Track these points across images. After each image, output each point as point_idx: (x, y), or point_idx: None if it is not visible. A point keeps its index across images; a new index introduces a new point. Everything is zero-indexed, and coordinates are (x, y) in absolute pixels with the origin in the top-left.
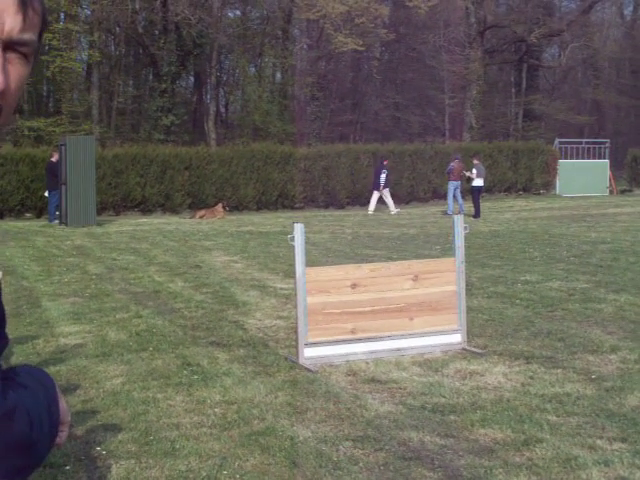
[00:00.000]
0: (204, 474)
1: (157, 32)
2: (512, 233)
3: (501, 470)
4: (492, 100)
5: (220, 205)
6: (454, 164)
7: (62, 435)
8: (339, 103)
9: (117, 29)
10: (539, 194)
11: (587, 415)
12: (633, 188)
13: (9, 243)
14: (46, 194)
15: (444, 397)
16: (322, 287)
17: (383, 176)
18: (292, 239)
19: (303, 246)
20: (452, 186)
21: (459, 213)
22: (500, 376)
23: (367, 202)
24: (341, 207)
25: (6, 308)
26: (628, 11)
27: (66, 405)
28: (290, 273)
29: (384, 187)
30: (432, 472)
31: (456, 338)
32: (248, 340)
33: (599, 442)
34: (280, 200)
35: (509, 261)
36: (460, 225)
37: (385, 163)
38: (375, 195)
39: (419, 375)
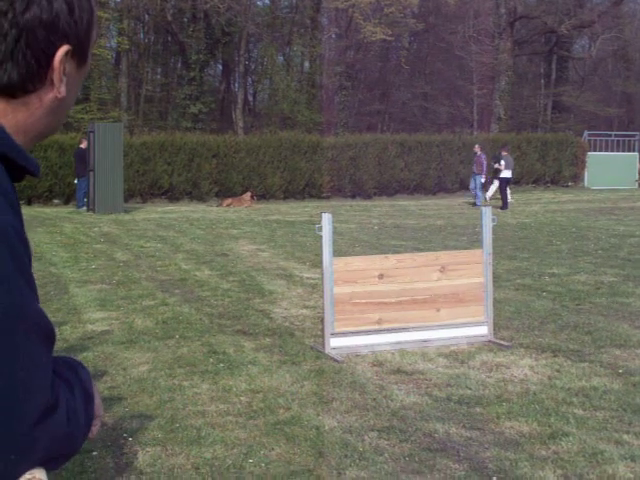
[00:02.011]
0: (229, 462)
1: (186, 20)
2: (540, 225)
3: (527, 463)
4: (521, 91)
5: (248, 194)
6: (484, 156)
7: (94, 429)
8: (367, 93)
9: (146, 17)
10: (567, 186)
11: (614, 410)
12: None
13: (37, 229)
14: (75, 181)
15: (470, 389)
16: (349, 277)
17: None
18: (320, 229)
19: (331, 236)
20: (482, 178)
21: (474, 204)
22: (526, 369)
23: (394, 192)
24: (368, 197)
25: None
26: None
27: (100, 399)
28: (316, 263)
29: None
30: (457, 464)
31: (482, 330)
32: (274, 329)
33: (626, 437)
34: (307, 189)
35: (536, 253)
36: (488, 217)
37: (504, 154)
38: (496, 182)
39: (445, 366)
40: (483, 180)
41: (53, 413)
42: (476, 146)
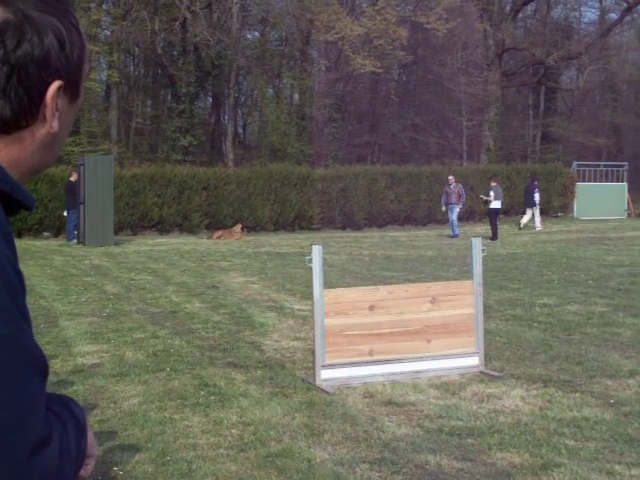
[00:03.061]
0: None
1: (176, 53)
2: (530, 256)
3: None
4: (510, 122)
5: (239, 226)
6: (461, 186)
7: (87, 468)
8: (357, 124)
9: (136, 50)
10: (557, 217)
11: (605, 440)
12: None
13: (27, 262)
14: (65, 213)
15: (461, 420)
16: (340, 309)
17: (537, 195)
18: (310, 261)
19: (321, 268)
20: (458, 208)
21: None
22: (518, 399)
23: (385, 223)
24: (358, 228)
25: None
26: None
27: (94, 438)
28: (307, 294)
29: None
30: None
31: (473, 361)
32: (265, 361)
33: (617, 467)
34: (297, 221)
35: (527, 284)
36: (478, 248)
37: (536, 183)
38: (529, 212)
39: (436, 398)
40: (457, 210)
41: (46, 447)
42: (450, 177)
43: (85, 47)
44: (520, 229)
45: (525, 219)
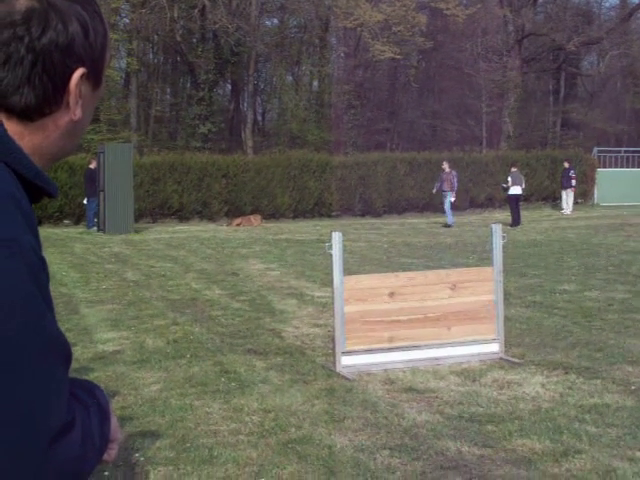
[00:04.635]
0: None
1: (195, 40)
2: (550, 242)
3: None
4: (530, 108)
5: (259, 217)
6: (455, 173)
7: (111, 452)
8: (376, 111)
9: (155, 37)
10: (577, 203)
11: (627, 426)
12: None
13: (48, 250)
14: (85, 201)
15: (482, 407)
16: (360, 296)
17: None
18: (330, 248)
19: (341, 255)
20: (452, 197)
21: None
22: (538, 386)
23: (404, 210)
24: (377, 216)
25: None
26: None
27: (117, 423)
28: (327, 281)
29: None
30: None
31: (494, 347)
32: (285, 348)
33: (639, 454)
34: (316, 208)
35: (547, 270)
36: (498, 234)
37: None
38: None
39: (456, 384)
40: (453, 199)
41: (69, 432)
42: (444, 163)
43: (108, 35)
44: (562, 212)
45: (564, 204)
